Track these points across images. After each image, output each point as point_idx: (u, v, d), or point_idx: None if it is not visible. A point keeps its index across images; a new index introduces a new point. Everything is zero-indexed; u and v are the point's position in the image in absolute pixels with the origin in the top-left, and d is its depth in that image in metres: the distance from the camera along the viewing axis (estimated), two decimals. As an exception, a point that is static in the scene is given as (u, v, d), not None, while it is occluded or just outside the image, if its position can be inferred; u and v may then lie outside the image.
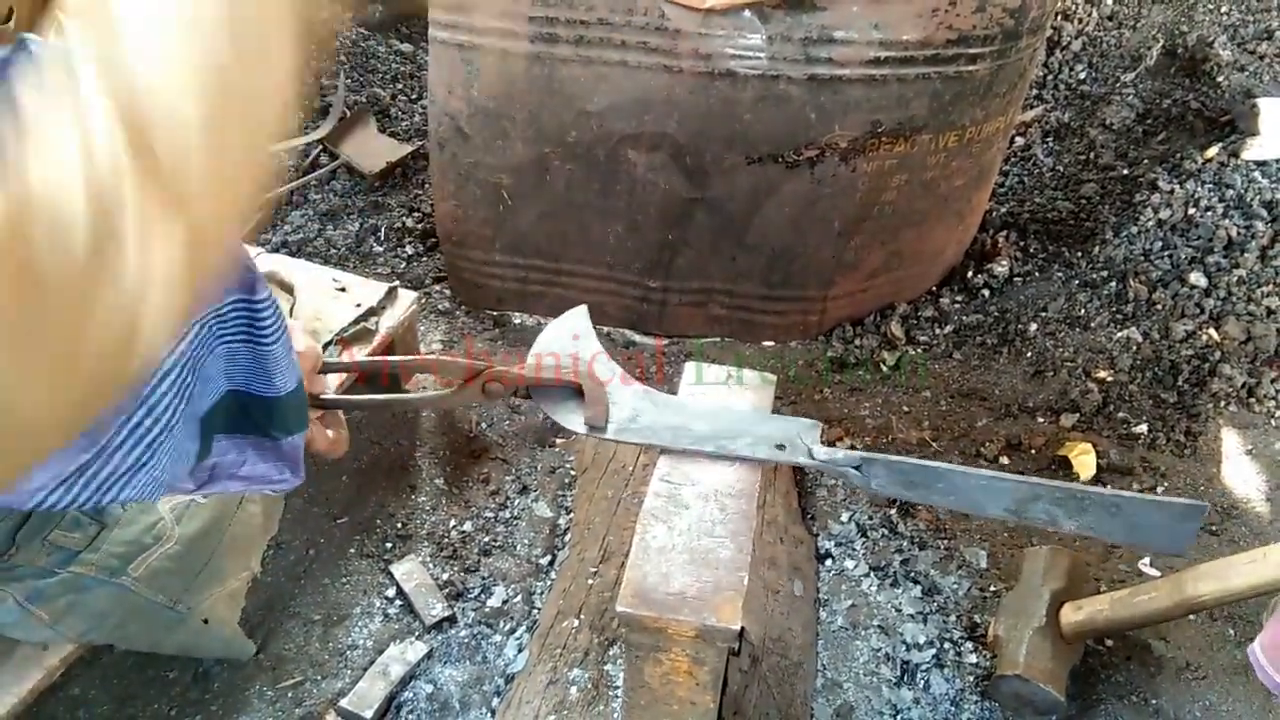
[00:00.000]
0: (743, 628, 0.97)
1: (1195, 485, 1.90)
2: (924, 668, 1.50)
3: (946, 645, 1.53)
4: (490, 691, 1.44)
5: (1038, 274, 2.47)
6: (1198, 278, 2.35)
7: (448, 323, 2.25)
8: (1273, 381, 2.13)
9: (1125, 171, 2.78)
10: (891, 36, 1.74)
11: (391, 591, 1.59)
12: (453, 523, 1.72)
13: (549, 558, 1.67)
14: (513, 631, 1.53)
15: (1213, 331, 2.25)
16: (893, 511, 1.76)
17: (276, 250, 2.30)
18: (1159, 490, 1.88)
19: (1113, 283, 2.40)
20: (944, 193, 2.09)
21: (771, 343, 2.25)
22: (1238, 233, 2.43)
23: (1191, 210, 2.51)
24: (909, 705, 1.45)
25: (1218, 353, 2.18)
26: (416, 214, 2.56)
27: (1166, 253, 2.44)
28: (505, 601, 1.58)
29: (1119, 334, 2.25)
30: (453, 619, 1.54)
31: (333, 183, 2.67)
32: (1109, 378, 2.15)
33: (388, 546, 1.66)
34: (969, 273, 2.45)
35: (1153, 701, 1.47)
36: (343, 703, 1.39)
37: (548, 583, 1.61)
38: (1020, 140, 2.97)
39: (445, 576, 1.61)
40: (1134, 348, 2.21)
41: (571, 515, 1.74)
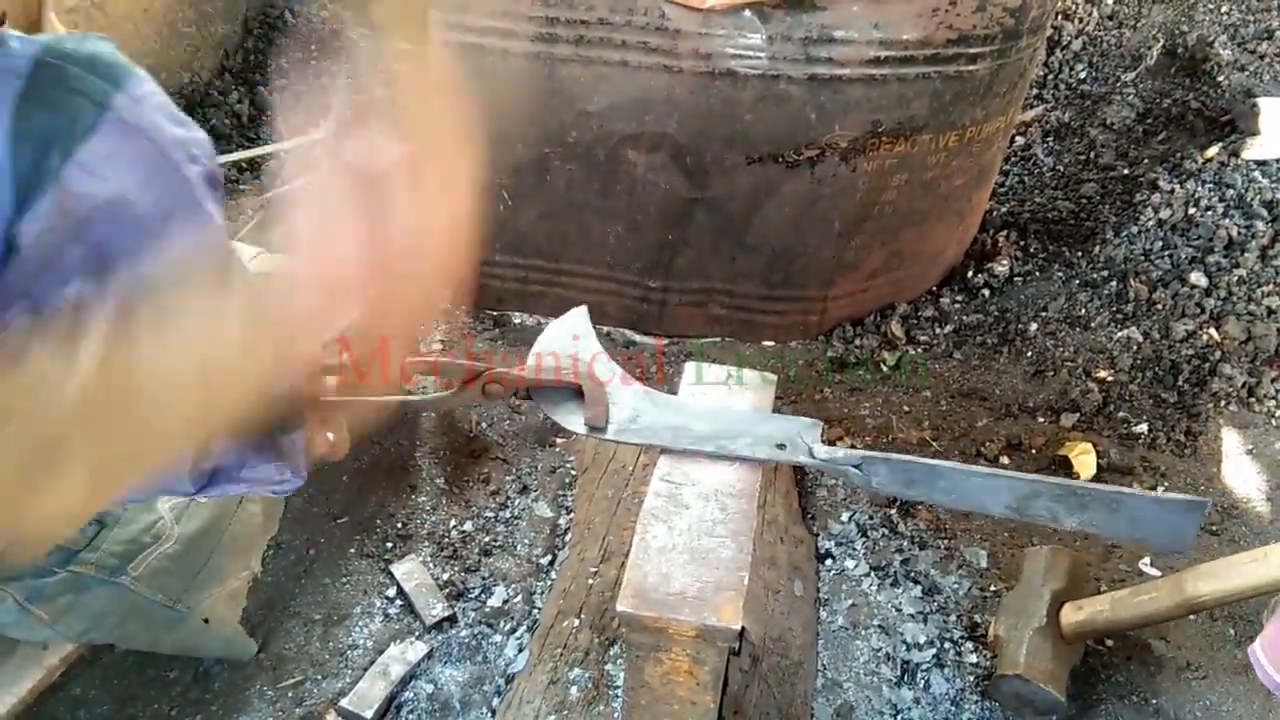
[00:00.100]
0: (743, 627, 0.97)
1: (1195, 485, 1.90)
2: (924, 667, 1.50)
3: (947, 645, 1.53)
4: (491, 691, 1.44)
5: (1038, 274, 2.47)
6: (1198, 277, 2.35)
7: (448, 323, 2.25)
8: (1273, 381, 2.13)
9: (1125, 171, 2.78)
10: (891, 36, 1.74)
11: (392, 591, 1.59)
12: (453, 522, 1.72)
13: (549, 557, 1.66)
14: (513, 631, 1.53)
15: (1213, 331, 2.25)
16: (893, 511, 1.76)
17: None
18: (1159, 490, 1.88)
19: (1113, 282, 2.40)
20: (944, 192, 2.09)
21: (771, 343, 2.25)
22: (1238, 232, 2.43)
23: (1192, 210, 2.51)
24: (909, 705, 1.45)
25: (1218, 352, 2.18)
26: (417, 214, 2.56)
27: (1167, 252, 2.44)
28: (506, 601, 1.58)
29: (1119, 334, 2.25)
30: (453, 619, 1.54)
31: (333, 183, 2.66)
32: (1109, 377, 2.15)
33: (388, 546, 1.66)
34: (969, 272, 2.45)
35: (1153, 701, 1.47)
36: (343, 702, 1.39)
37: (548, 582, 1.61)
38: (1020, 140, 2.97)
39: (445, 576, 1.61)
40: (1134, 347, 2.21)
41: (572, 515, 1.74)
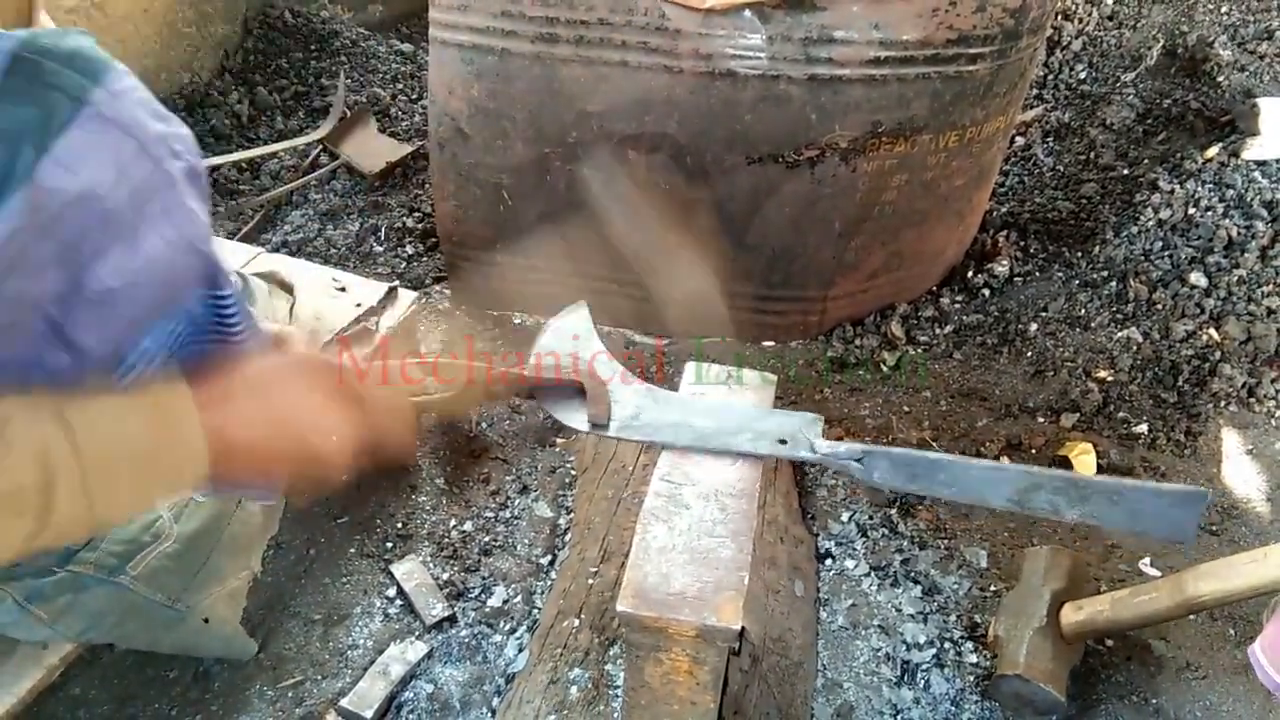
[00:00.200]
0: (743, 627, 0.97)
1: (1195, 485, 1.90)
2: (924, 667, 1.50)
3: (947, 645, 1.53)
4: (491, 691, 1.44)
5: (1038, 274, 2.47)
6: (1198, 278, 2.35)
7: (448, 323, 2.25)
8: (1273, 381, 2.13)
9: (1125, 171, 2.78)
10: (892, 36, 1.74)
11: (392, 591, 1.58)
12: (453, 522, 1.72)
13: (549, 557, 1.66)
14: (513, 631, 1.53)
15: (1213, 331, 2.25)
16: (893, 511, 1.76)
17: (276, 250, 2.30)
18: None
19: (1113, 283, 2.40)
20: (944, 193, 2.09)
21: (771, 343, 2.25)
22: (1238, 233, 2.43)
23: (1192, 210, 2.51)
24: (909, 705, 1.45)
25: (1218, 353, 2.18)
26: (416, 214, 2.56)
27: (1167, 253, 2.44)
28: (506, 601, 1.58)
29: (1119, 334, 2.25)
30: (453, 619, 1.54)
31: (333, 183, 2.67)
32: (1109, 378, 2.15)
33: (388, 546, 1.66)
34: (969, 273, 2.45)
35: (1153, 701, 1.47)
36: (343, 702, 1.39)
37: (548, 582, 1.61)
38: (1020, 140, 2.97)
39: (445, 576, 1.61)
40: (1134, 348, 2.21)
41: (572, 515, 1.74)
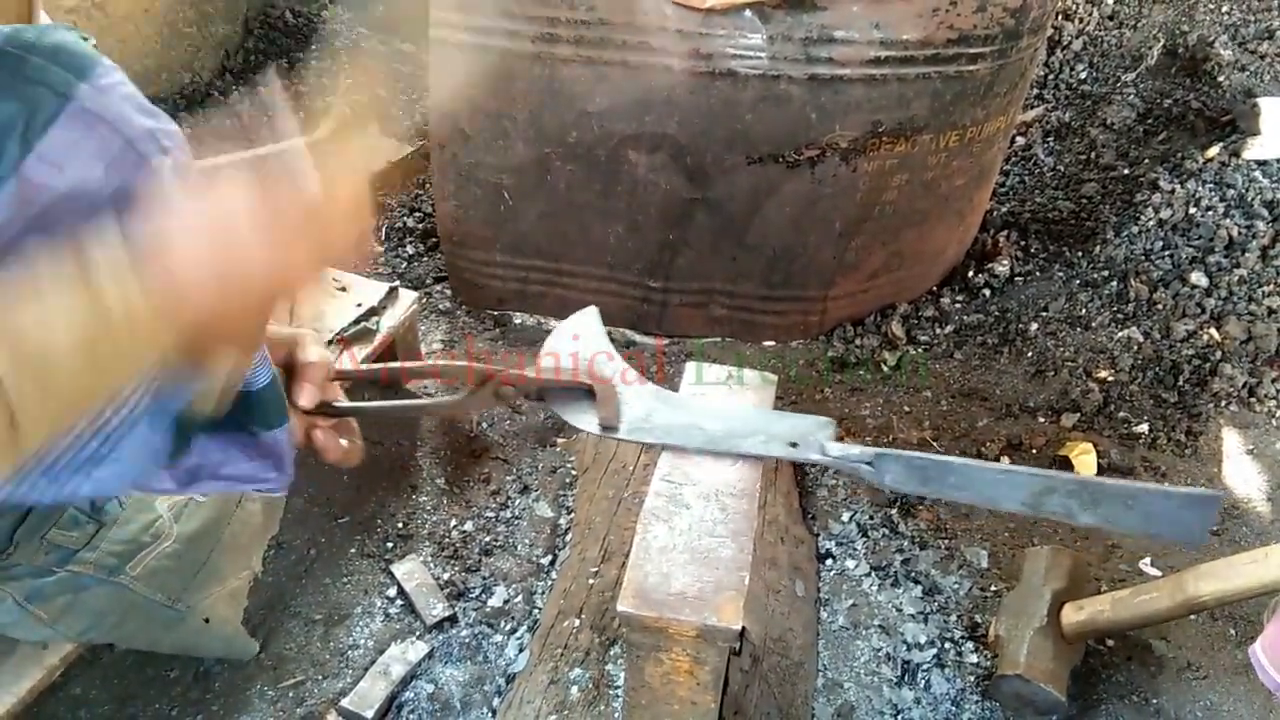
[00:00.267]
0: (744, 627, 0.97)
1: (1196, 485, 1.90)
2: (925, 667, 1.50)
3: (947, 645, 1.53)
4: (491, 691, 1.44)
5: (1038, 274, 2.47)
6: (1199, 277, 2.35)
7: (448, 322, 2.25)
8: (1273, 381, 2.12)
9: (1126, 171, 2.78)
10: (892, 36, 1.74)
11: (392, 591, 1.58)
12: (454, 522, 1.72)
13: (550, 557, 1.66)
14: (514, 631, 1.53)
15: (1214, 331, 2.25)
16: (893, 511, 1.76)
17: (277, 250, 2.30)
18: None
19: (1113, 282, 2.40)
20: (945, 192, 2.09)
21: (772, 343, 2.25)
22: (1239, 232, 2.43)
23: (1192, 210, 2.51)
24: (910, 705, 1.45)
25: (1218, 352, 2.18)
26: (417, 214, 2.56)
27: (1167, 252, 2.44)
28: (506, 601, 1.58)
29: (1120, 334, 2.25)
30: (454, 619, 1.54)
31: (333, 183, 2.66)
32: (1110, 377, 2.15)
33: (389, 546, 1.66)
34: (970, 272, 2.45)
35: (1153, 701, 1.47)
36: (344, 702, 1.39)
37: (548, 582, 1.61)
38: (1021, 140, 2.97)
39: (446, 576, 1.61)
40: (1135, 347, 2.20)
41: (572, 515, 1.74)
